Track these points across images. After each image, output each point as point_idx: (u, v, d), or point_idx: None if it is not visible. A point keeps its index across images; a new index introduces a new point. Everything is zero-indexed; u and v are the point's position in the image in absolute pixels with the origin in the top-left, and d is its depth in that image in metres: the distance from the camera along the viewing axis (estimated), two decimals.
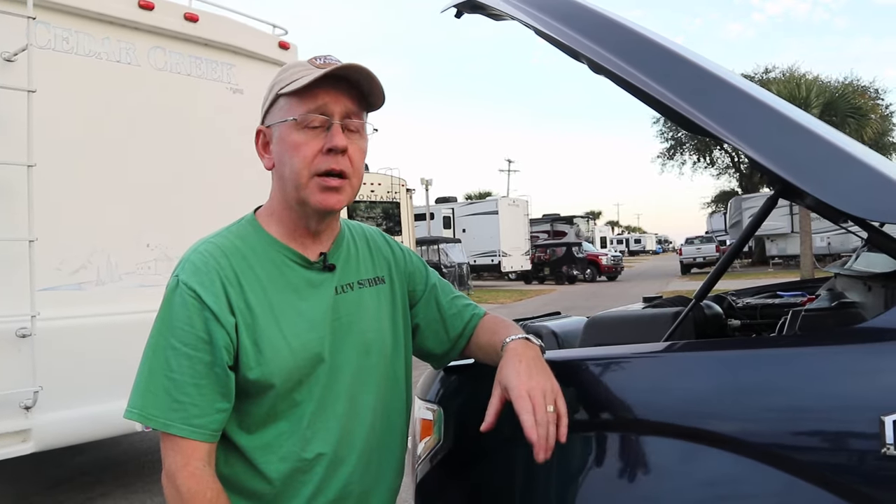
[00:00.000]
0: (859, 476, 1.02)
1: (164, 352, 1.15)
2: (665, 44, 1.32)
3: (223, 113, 4.74)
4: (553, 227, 37.49)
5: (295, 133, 1.20)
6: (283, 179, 1.23)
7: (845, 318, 1.36)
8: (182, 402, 1.13)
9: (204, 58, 4.69)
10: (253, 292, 1.20)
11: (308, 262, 1.27)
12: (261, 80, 4.39)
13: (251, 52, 4.99)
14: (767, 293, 2.60)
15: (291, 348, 1.20)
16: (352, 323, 1.29)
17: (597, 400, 1.28)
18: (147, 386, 1.15)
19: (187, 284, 1.16)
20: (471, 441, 1.41)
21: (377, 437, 1.31)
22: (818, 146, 1.16)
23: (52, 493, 4.59)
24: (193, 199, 4.51)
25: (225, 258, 1.20)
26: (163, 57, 4.46)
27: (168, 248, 4.35)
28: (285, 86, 1.21)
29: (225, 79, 4.82)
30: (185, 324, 1.15)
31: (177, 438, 1.13)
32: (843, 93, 22.48)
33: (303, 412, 1.22)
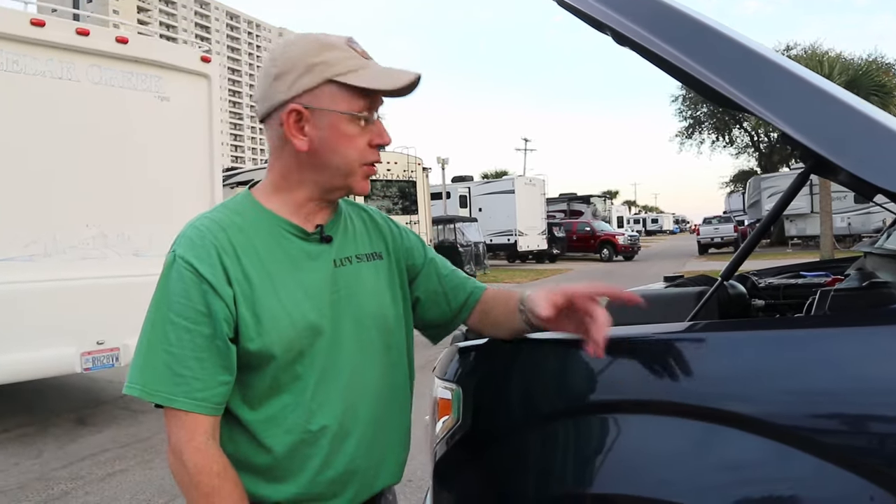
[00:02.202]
0: (889, 459, 0.99)
1: (163, 326, 1.14)
2: (693, 14, 1.28)
3: (152, 117, 5.80)
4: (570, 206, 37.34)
5: (349, 125, 1.21)
6: (327, 165, 1.23)
7: (878, 298, 1.32)
8: (184, 375, 1.13)
9: (135, 72, 5.72)
10: (251, 263, 1.20)
11: (305, 233, 1.27)
12: (186, 89, 6.05)
13: (176, 65, 6.01)
14: (790, 273, 2.56)
15: (291, 318, 1.20)
16: (351, 296, 1.29)
17: (618, 380, 1.25)
18: (147, 361, 1.15)
19: (184, 258, 1.16)
20: (490, 421, 1.40)
21: (381, 411, 1.31)
22: (852, 119, 1.12)
23: (73, 469, 4.65)
24: (126, 187, 5.61)
25: (222, 231, 1.20)
26: (99, 73, 5.51)
27: (104, 227, 5.50)
28: (341, 73, 1.19)
29: (154, 89, 5.85)
30: (182, 297, 1.14)
31: (180, 413, 1.14)
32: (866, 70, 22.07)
33: (305, 384, 1.22)
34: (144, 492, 4.20)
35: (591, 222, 31.58)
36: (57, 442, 5.27)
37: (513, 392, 1.38)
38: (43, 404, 6.42)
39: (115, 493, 4.21)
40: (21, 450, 5.10)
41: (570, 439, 1.28)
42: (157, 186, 5.75)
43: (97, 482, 4.39)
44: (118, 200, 5.54)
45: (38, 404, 6.43)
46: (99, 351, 5.45)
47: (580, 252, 30.20)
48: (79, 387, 7.24)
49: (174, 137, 5.95)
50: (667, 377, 1.18)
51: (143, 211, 5.68)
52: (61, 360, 5.27)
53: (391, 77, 1.21)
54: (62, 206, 5.28)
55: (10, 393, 6.82)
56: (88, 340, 5.37)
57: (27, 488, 4.30)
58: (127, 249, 5.63)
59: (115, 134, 5.55)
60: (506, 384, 1.40)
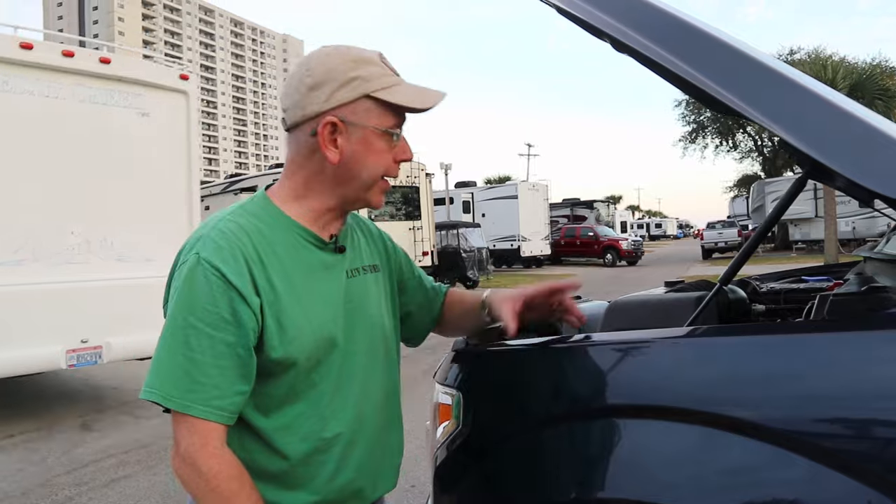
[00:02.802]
0: (887, 464, 0.99)
1: (184, 331, 1.12)
2: (691, 21, 1.28)
3: (134, 131, 6.25)
4: (573, 211, 37.32)
5: (380, 140, 1.23)
6: (353, 178, 1.24)
7: (877, 302, 1.32)
8: (202, 382, 1.11)
9: (117, 90, 6.15)
10: (275, 271, 1.19)
11: (323, 242, 1.28)
12: (165, 105, 6.49)
13: (156, 83, 6.48)
14: (792, 278, 2.55)
15: (312, 328, 1.21)
16: (361, 307, 1.32)
17: (618, 385, 1.26)
18: (165, 366, 1.13)
19: (210, 262, 1.13)
20: (490, 426, 1.40)
21: (384, 417, 1.35)
22: (849, 124, 1.12)
23: (77, 475, 4.66)
24: (109, 197, 6.05)
25: (246, 236, 1.18)
26: (83, 91, 5.92)
27: (88, 234, 5.91)
28: (377, 89, 1.21)
29: (135, 105, 6.29)
30: (207, 303, 1.12)
31: (194, 420, 1.12)
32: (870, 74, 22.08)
33: (321, 392, 1.23)
34: (148, 498, 4.21)
35: (594, 227, 31.56)
36: (61, 448, 5.28)
37: (513, 397, 1.38)
38: (47, 410, 6.43)
39: (119, 498, 4.21)
40: (25, 455, 5.11)
41: (571, 444, 1.29)
42: (138, 196, 6.24)
43: (101, 488, 4.40)
44: (101, 209, 6.02)
45: (43, 410, 6.44)
46: (83, 349, 5.82)
47: (584, 257, 30.18)
48: (83, 393, 7.26)
49: (154, 150, 6.43)
50: (667, 382, 1.19)
51: (124, 219, 6.16)
52: (48, 357, 5.65)
53: (423, 96, 1.24)
54: (49, 215, 5.72)
55: (14, 399, 6.85)
56: (73, 339, 5.73)
57: (31, 494, 4.31)
58: (109, 255, 6.04)
59: (98, 147, 6.02)
60: (506, 389, 1.40)
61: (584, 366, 1.31)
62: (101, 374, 8.24)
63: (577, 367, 1.32)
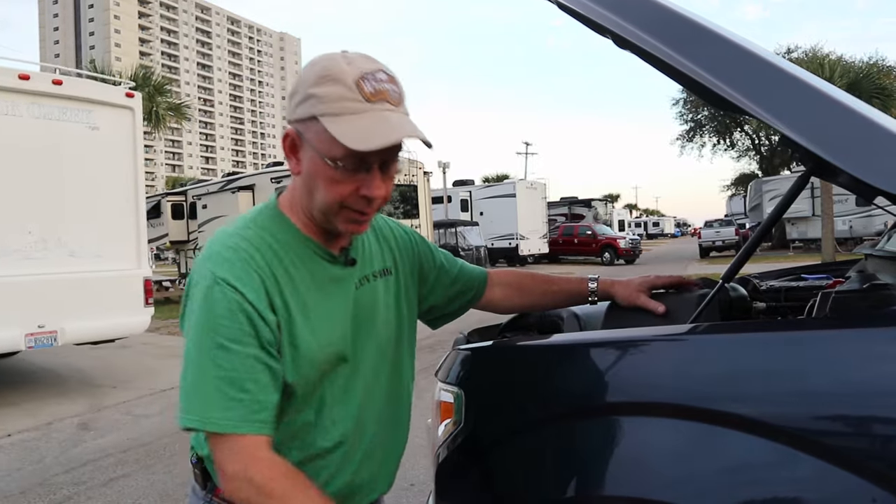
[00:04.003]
0: (890, 461, 0.99)
1: (211, 352, 1.09)
2: (693, 17, 1.28)
3: (85, 143, 7.12)
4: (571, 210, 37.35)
5: (327, 168, 1.12)
6: (311, 196, 1.18)
7: (879, 299, 1.32)
8: (241, 399, 1.08)
9: (69, 107, 6.99)
10: (287, 291, 1.17)
11: (332, 256, 1.25)
12: (113, 119, 7.40)
13: (104, 100, 7.37)
14: (791, 276, 2.55)
15: (321, 348, 1.20)
16: (369, 317, 1.31)
17: (621, 382, 1.25)
18: (199, 390, 1.09)
19: (225, 281, 1.11)
20: (492, 424, 1.40)
21: (384, 425, 1.35)
22: (852, 121, 1.12)
23: (75, 474, 4.65)
24: (63, 201, 6.90)
25: (258, 253, 1.15)
26: (39, 109, 6.75)
27: (44, 233, 6.74)
28: (324, 113, 1.09)
29: (85, 120, 7.13)
30: (229, 321, 1.09)
31: (239, 438, 1.08)
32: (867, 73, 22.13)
33: (324, 403, 1.23)
34: (146, 497, 4.20)
35: (592, 226, 31.57)
36: (59, 447, 5.27)
37: (515, 395, 1.38)
38: (45, 409, 6.42)
39: (118, 498, 4.20)
40: (23, 455, 5.10)
41: (573, 441, 1.28)
42: (88, 199, 7.12)
43: (99, 487, 4.38)
44: (56, 211, 6.88)
45: (40, 409, 6.43)
46: (40, 333, 6.66)
47: (581, 256, 30.18)
48: (81, 392, 7.24)
49: (103, 159, 7.32)
50: (669, 379, 1.18)
51: (76, 220, 7.02)
52: (9, 339, 6.47)
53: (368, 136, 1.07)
54: (9, 216, 6.53)
55: (12, 398, 6.84)
56: (31, 324, 6.60)
57: (29, 493, 4.30)
58: (63, 251, 6.88)
59: (53, 157, 6.89)
60: (508, 387, 1.40)
61: (586, 363, 1.31)
62: (100, 375, 8.24)
63: (580, 364, 1.32)
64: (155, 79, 20.15)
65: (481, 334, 1.79)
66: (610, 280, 1.60)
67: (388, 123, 1.09)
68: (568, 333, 1.63)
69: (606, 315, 1.61)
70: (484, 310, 1.66)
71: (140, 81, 19.50)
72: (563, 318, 1.70)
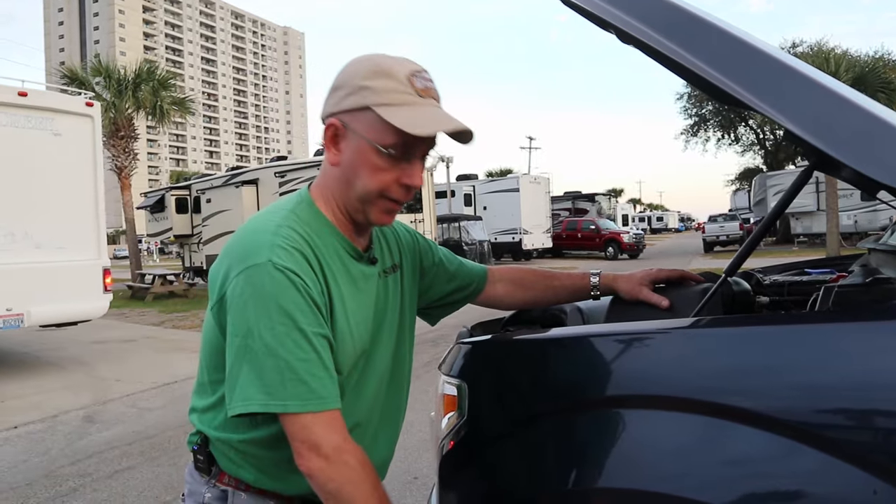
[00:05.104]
0: (892, 454, 1.00)
1: (290, 336, 1.10)
2: (697, 12, 1.28)
3: (49, 148, 8.10)
4: (574, 204, 37.27)
5: (376, 156, 1.19)
6: (350, 186, 1.23)
7: (882, 293, 1.32)
8: (330, 376, 1.14)
9: (33, 116, 7.97)
10: (331, 282, 1.21)
11: (360, 254, 1.31)
12: (74, 126, 8.38)
13: (66, 109, 8.38)
14: (794, 270, 2.55)
15: (353, 341, 1.25)
16: (385, 312, 1.36)
17: (624, 376, 1.26)
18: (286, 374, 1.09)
19: (288, 269, 1.12)
20: (496, 417, 1.41)
21: (387, 415, 1.40)
22: (855, 115, 1.12)
23: (80, 466, 4.68)
24: (29, 199, 7.87)
25: (307, 245, 1.19)
26: (6, 117, 7.71)
27: (12, 227, 7.66)
28: (380, 104, 1.16)
29: (48, 127, 8.11)
30: (301, 305, 1.12)
31: (327, 414, 1.12)
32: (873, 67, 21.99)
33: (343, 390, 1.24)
34: (152, 488, 4.22)
35: (595, 220, 31.53)
36: (65, 439, 5.30)
37: (519, 388, 1.38)
38: (50, 402, 6.45)
39: (123, 490, 4.23)
40: (29, 447, 5.13)
41: (576, 434, 1.29)
42: (52, 198, 8.08)
43: (105, 479, 4.41)
44: (23, 208, 7.81)
45: (46, 402, 6.46)
46: (8, 315, 7.57)
47: (585, 250, 30.16)
48: (86, 385, 7.28)
49: (66, 162, 8.28)
50: (672, 372, 1.19)
51: (42, 216, 7.95)
52: None
53: (427, 121, 1.17)
54: None
55: (17, 391, 6.87)
56: (0, 308, 7.46)
57: (35, 485, 4.33)
58: (30, 244, 7.81)
59: (20, 160, 7.79)
60: (512, 380, 1.40)
61: (590, 357, 1.32)
62: (105, 368, 8.28)
63: (583, 357, 1.33)
64: (159, 73, 20.11)
65: (484, 328, 1.80)
66: (612, 274, 1.61)
67: (441, 114, 1.20)
68: (571, 327, 1.63)
69: (609, 309, 1.61)
70: (486, 306, 1.69)
71: (144, 76, 19.46)
72: (566, 313, 1.70)
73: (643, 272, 1.58)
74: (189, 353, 9.20)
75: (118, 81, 19.25)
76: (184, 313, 13.73)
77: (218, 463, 1.30)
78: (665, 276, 1.57)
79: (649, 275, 1.57)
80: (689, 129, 39.83)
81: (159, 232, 23.21)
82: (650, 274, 1.57)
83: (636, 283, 1.55)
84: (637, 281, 1.55)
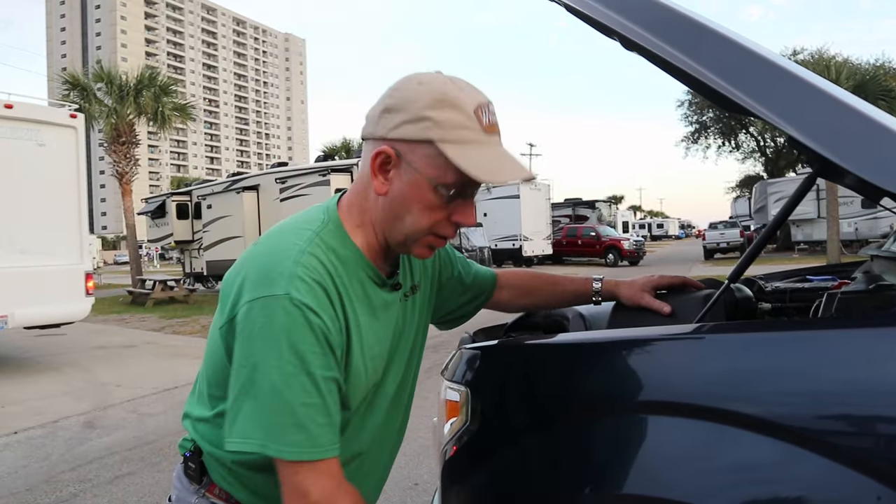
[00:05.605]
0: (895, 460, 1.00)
1: (298, 378, 1.04)
2: (701, 19, 1.29)
3: (34, 157, 8.45)
4: (575, 211, 37.30)
5: (431, 193, 1.11)
6: (398, 220, 1.15)
7: (885, 300, 1.33)
8: (330, 423, 1.09)
9: (19, 127, 8.31)
10: (350, 315, 1.14)
11: (384, 281, 1.24)
12: (58, 137, 8.72)
13: (50, 121, 8.73)
14: (796, 277, 2.56)
15: (367, 375, 1.19)
16: (400, 337, 1.30)
17: (627, 382, 1.26)
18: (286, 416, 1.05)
19: (307, 305, 1.06)
20: (498, 423, 1.41)
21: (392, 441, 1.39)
22: (859, 122, 1.12)
23: (81, 472, 4.67)
24: (15, 206, 8.19)
25: (328, 276, 1.11)
26: None
27: None
28: (446, 140, 1.07)
29: (34, 138, 8.46)
30: (315, 347, 1.06)
31: (327, 462, 1.08)
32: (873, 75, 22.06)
33: (348, 422, 1.22)
34: (152, 494, 4.21)
35: (596, 227, 31.54)
36: (65, 445, 5.29)
37: (521, 393, 1.38)
38: (51, 408, 6.44)
39: (124, 495, 4.22)
40: (29, 452, 5.12)
41: (579, 440, 1.29)
42: (37, 206, 8.42)
43: (105, 485, 4.40)
44: (8, 215, 8.11)
45: (46, 407, 6.45)
46: None
47: (585, 257, 30.17)
48: (86, 390, 7.27)
49: (50, 171, 8.61)
50: (675, 378, 1.19)
51: (26, 222, 8.27)
52: None
53: (495, 167, 1.09)
54: None
55: (17, 396, 6.86)
56: None
57: (35, 491, 4.32)
58: (14, 249, 8.10)
59: (6, 170, 8.11)
60: (514, 385, 1.40)
61: (593, 363, 1.32)
62: (105, 373, 8.27)
63: (585, 363, 1.33)
64: (161, 79, 20.17)
65: (487, 334, 1.80)
66: (614, 280, 1.61)
67: (509, 158, 1.13)
68: (573, 333, 1.63)
69: (612, 315, 1.61)
70: (490, 309, 1.68)
71: (146, 82, 19.52)
72: (568, 319, 1.71)
73: (645, 278, 1.57)
74: (189, 358, 9.19)
75: (120, 87, 19.31)
76: (184, 319, 13.72)
77: (210, 475, 1.26)
78: (667, 282, 1.57)
79: (651, 281, 1.56)
80: (689, 136, 39.86)
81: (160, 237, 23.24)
82: (652, 280, 1.57)
83: (638, 289, 1.55)
84: (639, 287, 1.55)
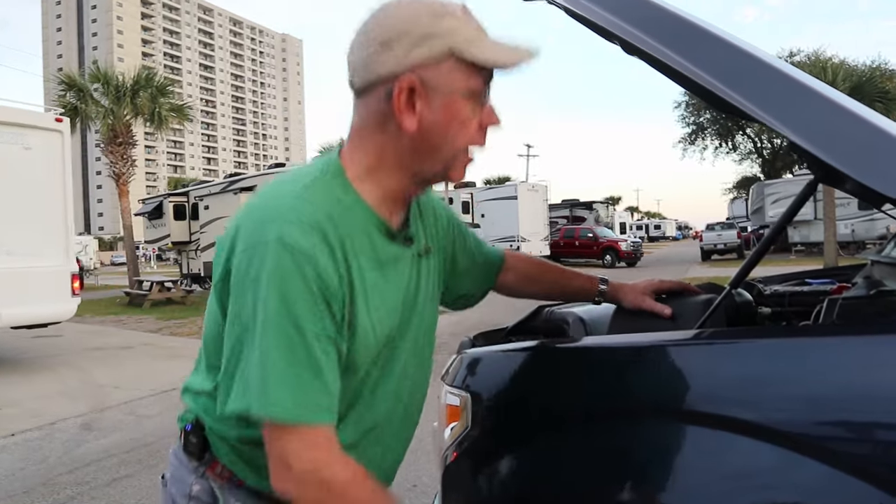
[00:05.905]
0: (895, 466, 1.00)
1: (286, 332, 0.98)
2: (701, 23, 1.29)
3: (20, 161, 8.62)
4: (572, 212, 37.35)
5: (465, 106, 1.06)
6: (433, 150, 1.08)
7: (886, 306, 1.33)
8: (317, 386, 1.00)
9: (5, 131, 8.48)
10: (353, 266, 1.05)
11: (393, 234, 1.15)
12: (44, 141, 8.88)
13: (36, 125, 8.92)
14: (795, 280, 2.56)
15: (375, 333, 1.11)
16: (414, 298, 1.21)
17: (627, 387, 1.26)
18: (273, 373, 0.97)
19: (300, 250, 0.98)
20: (499, 428, 1.40)
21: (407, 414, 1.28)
22: (860, 128, 1.12)
23: (78, 474, 4.66)
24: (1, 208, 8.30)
25: (328, 220, 1.03)
26: None
27: None
28: (463, 44, 1.03)
29: (20, 142, 8.63)
30: (306, 297, 0.98)
31: (313, 429, 0.99)
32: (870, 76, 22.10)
33: (360, 393, 1.15)
34: (150, 497, 4.20)
35: (593, 228, 31.57)
36: (63, 447, 5.28)
37: (522, 398, 1.38)
38: (48, 410, 6.43)
39: (121, 498, 4.21)
40: (27, 455, 5.11)
41: (579, 445, 1.29)
42: (24, 207, 8.56)
43: (103, 487, 4.39)
44: None
45: (44, 409, 6.44)
46: None
47: (583, 258, 30.17)
48: (84, 392, 7.25)
49: (36, 174, 8.77)
50: (676, 384, 1.19)
51: (13, 224, 8.38)
52: None
53: (510, 51, 1.06)
54: None
55: (15, 398, 6.84)
56: None
57: (33, 493, 4.30)
58: (1, 250, 8.22)
59: None
60: (515, 391, 1.40)
61: (593, 368, 1.32)
62: (102, 375, 8.25)
63: (586, 369, 1.33)
64: (157, 79, 20.14)
65: (486, 338, 1.79)
66: (618, 283, 1.61)
67: (509, 43, 1.08)
68: (574, 338, 1.63)
69: (613, 319, 1.61)
70: (493, 291, 1.60)
71: (143, 82, 19.50)
72: (568, 323, 1.71)
73: (646, 282, 1.58)
74: (187, 359, 9.17)
75: (116, 88, 19.29)
76: (181, 320, 13.69)
77: (212, 450, 1.18)
78: (667, 286, 1.58)
79: (651, 285, 1.57)
80: (686, 138, 39.96)
81: (157, 238, 23.23)
82: (652, 284, 1.57)
83: (639, 292, 1.55)
84: (640, 291, 1.56)
